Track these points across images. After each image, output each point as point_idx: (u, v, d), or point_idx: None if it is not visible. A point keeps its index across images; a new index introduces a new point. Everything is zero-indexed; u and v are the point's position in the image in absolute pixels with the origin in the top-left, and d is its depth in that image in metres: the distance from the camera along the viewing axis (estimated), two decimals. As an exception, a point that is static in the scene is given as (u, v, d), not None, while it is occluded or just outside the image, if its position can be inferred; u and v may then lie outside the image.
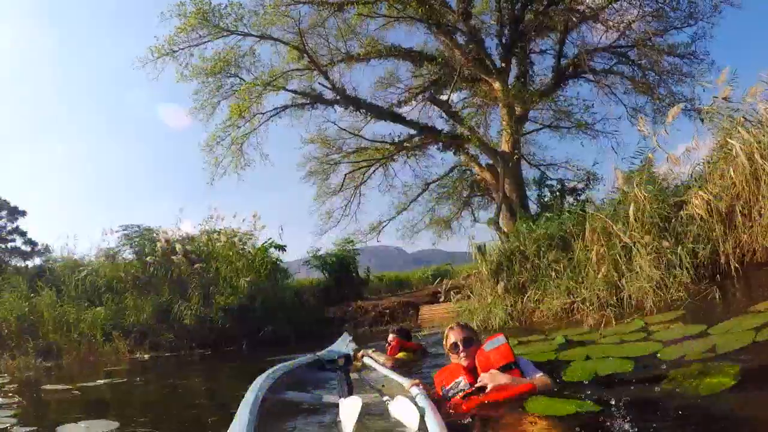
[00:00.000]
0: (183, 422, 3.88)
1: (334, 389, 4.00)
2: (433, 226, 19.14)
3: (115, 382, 6.64)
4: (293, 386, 3.77)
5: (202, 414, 4.07)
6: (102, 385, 6.36)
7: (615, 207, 6.56)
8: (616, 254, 5.75)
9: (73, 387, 6.05)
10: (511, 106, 14.09)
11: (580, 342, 4.34)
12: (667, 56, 15.15)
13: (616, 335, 4.23)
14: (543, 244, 6.96)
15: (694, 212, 5.66)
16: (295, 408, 3.36)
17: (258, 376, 3.19)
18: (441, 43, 15.56)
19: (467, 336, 3.19)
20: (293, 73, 14.73)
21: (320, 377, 4.77)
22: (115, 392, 5.89)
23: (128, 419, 3.91)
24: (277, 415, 3.08)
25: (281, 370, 3.76)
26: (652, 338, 3.84)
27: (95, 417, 3.86)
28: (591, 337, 4.47)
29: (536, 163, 18.30)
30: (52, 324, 11.82)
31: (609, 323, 4.74)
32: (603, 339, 4.25)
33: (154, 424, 3.82)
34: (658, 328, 4.15)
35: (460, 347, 3.14)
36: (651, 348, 3.53)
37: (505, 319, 6.54)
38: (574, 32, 15.43)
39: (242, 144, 15.19)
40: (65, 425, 3.56)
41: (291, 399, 3.45)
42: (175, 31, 12.47)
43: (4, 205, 21.05)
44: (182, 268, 12.31)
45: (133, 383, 6.61)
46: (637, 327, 4.35)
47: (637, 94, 15.98)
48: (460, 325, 3.33)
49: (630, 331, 4.26)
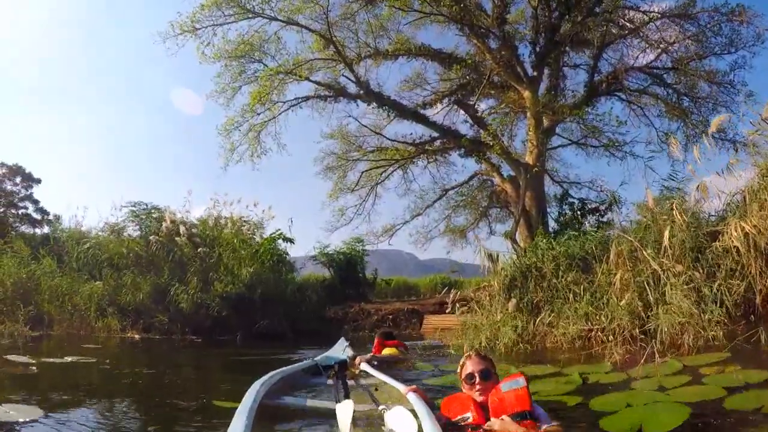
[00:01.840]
0: (118, 415, 3.53)
1: (330, 395, 3.91)
2: (447, 234, 18.64)
3: (83, 361, 6.28)
4: (290, 391, 3.82)
5: (150, 409, 3.78)
6: (67, 364, 6.03)
7: (644, 231, 6.03)
8: (644, 281, 5.23)
9: (36, 362, 5.73)
10: (539, 117, 13.55)
11: (602, 385, 3.77)
12: (704, 83, 14.53)
13: (649, 378, 3.64)
14: (562, 263, 6.45)
15: (730, 244, 5.13)
16: (292, 413, 3.39)
17: (255, 381, 3.18)
18: (473, 47, 15.09)
19: (485, 368, 2.82)
20: (317, 63, 14.38)
21: (316, 382, 4.73)
22: (72, 374, 5.57)
23: (59, 406, 3.68)
24: (274, 420, 3.13)
25: (278, 375, 3.79)
26: (703, 383, 3.27)
27: (29, 400, 3.66)
28: (616, 379, 3.89)
29: (559, 180, 17.74)
30: (48, 293, 11.64)
31: (634, 361, 4.19)
32: (637, 383, 3.64)
33: (84, 414, 3.48)
34: (708, 371, 3.54)
35: (476, 379, 2.78)
36: (708, 393, 2.94)
37: (515, 340, 6.03)
38: (610, 50, 14.98)
39: (260, 132, 14.88)
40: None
41: (287, 404, 3.48)
42: (198, 8, 12.16)
43: (20, 171, 21.09)
44: (185, 251, 12.01)
45: (100, 365, 6.24)
46: (676, 369, 3.77)
47: (670, 119, 15.38)
48: (479, 354, 2.95)
49: (668, 374, 3.66)
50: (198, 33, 12.73)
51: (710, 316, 4.42)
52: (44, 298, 11.61)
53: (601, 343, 5.09)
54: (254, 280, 11.55)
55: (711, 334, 4.25)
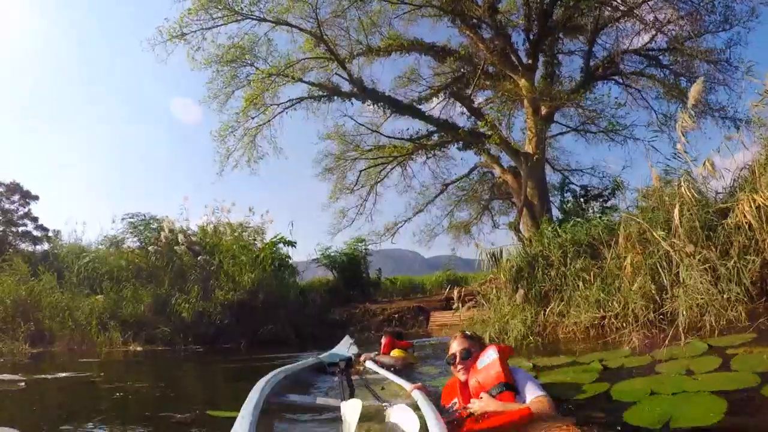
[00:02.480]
0: (96, 427, 3.34)
1: (335, 392, 3.92)
2: (452, 230, 18.43)
3: (75, 377, 6.06)
4: (295, 389, 3.79)
5: (134, 424, 3.58)
6: (58, 380, 5.83)
7: (651, 212, 5.81)
8: (656, 264, 5.01)
9: (27, 379, 5.54)
10: (536, 104, 13.34)
11: (626, 369, 3.54)
12: (701, 62, 14.28)
13: (675, 360, 3.41)
14: (569, 250, 6.23)
15: (742, 220, 4.91)
16: (297, 411, 3.36)
17: (260, 379, 3.14)
18: (465, 38, 14.88)
19: (465, 348, 2.85)
20: (310, 63, 14.18)
21: (321, 380, 4.74)
22: (61, 390, 5.37)
23: (37, 424, 3.54)
24: (279, 417, 3.12)
25: (283, 372, 3.79)
26: (732, 367, 3.01)
27: (7, 419, 3.51)
28: (638, 362, 3.65)
29: (560, 168, 17.52)
30: (48, 310, 11.48)
31: (654, 345, 3.97)
32: (662, 366, 3.40)
33: (63, 428, 3.33)
34: (735, 352, 3.26)
35: (456, 359, 2.84)
36: (742, 381, 2.66)
37: (525, 332, 5.81)
38: (604, 34, 14.75)
39: (255, 136, 14.70)
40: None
41: (292, 401, 3.46)
42: (186, 12, 11.97)
43: (17, 188, 20.94)
44: (184, 259, 11.85)
45: (92, 380, 6.04)
46: (701, 351, 3.52)
47: (669, 100, 15.13)
48: (464, 335, 2.99)
49: (694, 356, 3.42)
50: (187, 38, 12.54)
51: (729, 295, 4.20)
52: (45, 315, 11.43)
53: (616, 330, 4.88)
54: (256, 286, 11.37)
55: (732, 315, 4.04)
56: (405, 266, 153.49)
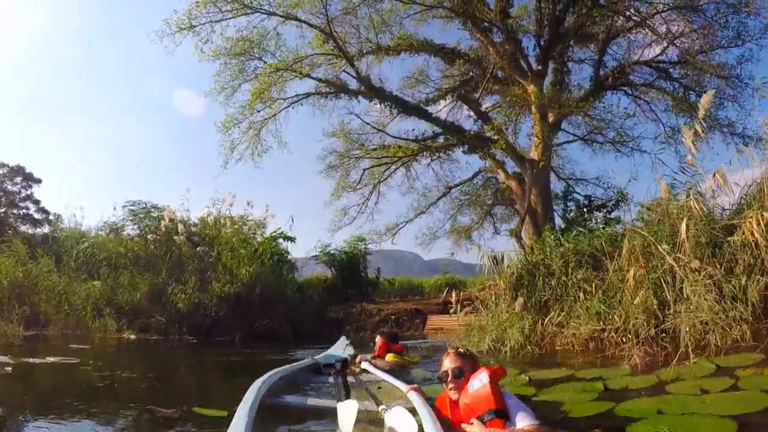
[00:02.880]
0: (76, 423, 3.27)
1: (331, 393, 3.90)
2: (453, 234, 18.34)
3: (65, 362, 6.01)
4: (291, 390, 3.81)
5: (116, 416, 3.56)
6: (47, 365, 5.77)
7: (656, 225, 5.72)
8: (659, 278, 4.92)
9: (15, 362, 5.47)
10: (544, 111, 13.25)
11: (631, 390, 3.42)
12: (711, 77, 14.18)
13: (681, 381, 3.32)
14: (571, 259, 6.14)
15: (748, 238, 4.82)
16: (293, 412, 3.38)
17: (255, 380, 3.15)
18: (475, 41, 14.79)
19: (458, 367, 2.77)
20: (318, 60, 14.08)
21: (317, 381, 4.73)
22: (48, 375, 5.33)
23: (18, 409, 3.56)
24: (275, 418, 3.10)
25: (279, 373, 3.79)
26: (741, 387, 2.93)
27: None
28: (644, 383, 3.53)
29: (565, 177, 17.40)
30: (45, 293, 11.43)
31: (654, 363, 3.87)
32: (670, 387, 3.28)
33: (38, 419, 3.31)
34: (744, 374, 3.18)
35: (449, 377, 2.76)
36: (752, 402, 2.58)
37: (522, 342, 5.72)
38: (615, 44, 14.68)
39: (260, 129, 14.62)
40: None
41: (288, 402, 3.48)
42: (195, 5, 11.88)
43: (20, 171, 20.90)
44: (183, 249, 11.78)
45: (81, 366, 5.95)
46: (709, 371, 3.43)
47: (677, 113, 15.04)
48: (457, 352, 2.90)
49: (702, 376, 3.33)
50: (196, 30, 12.47)
51: (735, 313, 4.11)
52: (41, 298, 11.41)
53: (615, 344, 4.79)
54: (253, 280, 11.29)
55: (737, 334, 3.95)
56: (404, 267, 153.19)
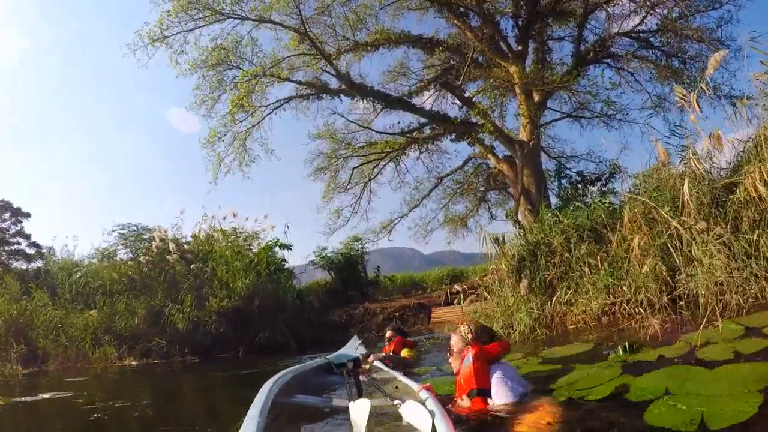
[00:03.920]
0: None
1: (343, 392, 3.86)
2: (448, 224, 18.08)
3: (57, 397, 5.76)
4: (302, 390, 3.78)
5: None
6: (37, 402, 5.53)
7: (654, 191, 5.55)
8: (665, 244, 4.74)
9: (5, 402, 5.25)
10: (529, 91, 13.07)
11: (669, 359, 3.21)
12: (692, 42, 14.03)
13: (713, 344, 3.13)
14: (572, 235, 5.96)
15: (751, 193, 4.65)
16: (305, 411, 3.35)
17: (267, 380, 3.15)
18: (453, 27, 14.59)
19: (454, 343, 3.06)
20: (297, 63, 13.86)
21: (329, 381, 4.74)
22: (37, 413, 5.11)
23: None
24: (287, 418, 3.09)
25: (290, 373, 3.77)
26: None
27: None
28: (674, 352, 3.32)
29: (556, 156, 17.20)
30: (42, 328, 11.17)
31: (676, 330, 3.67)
32: (703, 353, 3.08)
33: None
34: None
35: (450, 352, 3.06)
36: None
37: (531, 325, 5.52)
38: (594, 18, 14.50)
39: (245, 139, 14.38)
40: None
41: (300, 402, 3.45)
42: (166, 14, 11.64)
43: (8, 206, 20.58)
44: (177, 268, 11.54)
45: (73, 400, 5.70)
46: (738, 333, 3.22)
47: (662, 82, 14.88)
48: (458, 330, 3.10)
49: (734, 338, 3.13)
50: (168, 41, 12.23)
51: (749, 271, 3.92)
52: (38, 333, 11.14)
53: (629, 316, 4.61)
54: (251, 292, 11.05)
55: (757, 291, 3.75)
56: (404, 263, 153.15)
